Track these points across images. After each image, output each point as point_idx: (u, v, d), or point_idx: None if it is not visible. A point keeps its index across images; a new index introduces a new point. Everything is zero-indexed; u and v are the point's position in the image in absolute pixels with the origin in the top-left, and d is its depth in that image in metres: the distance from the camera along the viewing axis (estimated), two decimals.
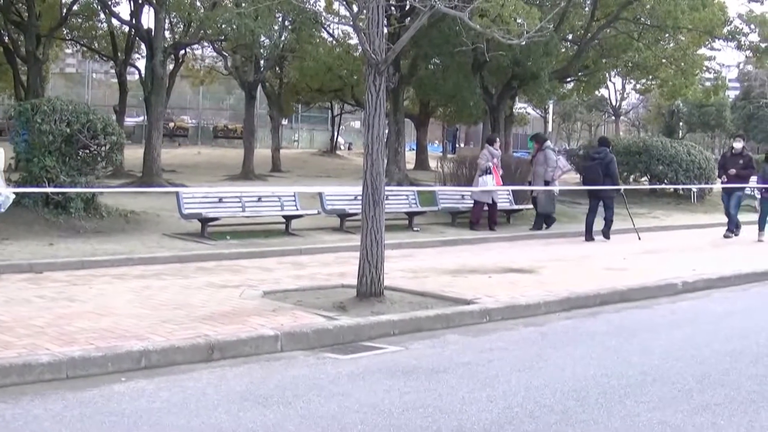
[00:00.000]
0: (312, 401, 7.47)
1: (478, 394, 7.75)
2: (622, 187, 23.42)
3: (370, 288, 11.51)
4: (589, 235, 21.23)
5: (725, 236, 22.31)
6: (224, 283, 13.03)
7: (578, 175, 34.35)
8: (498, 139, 24.22)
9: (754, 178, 23.26)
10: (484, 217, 22.23)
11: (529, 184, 23.24)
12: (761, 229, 21.88)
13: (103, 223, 17.87)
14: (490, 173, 21.65)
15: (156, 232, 17.90)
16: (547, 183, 22.53)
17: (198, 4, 28.11)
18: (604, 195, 21.19)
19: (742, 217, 22.94)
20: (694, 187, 30.29)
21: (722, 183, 22.69)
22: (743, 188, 23.16)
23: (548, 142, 24.70)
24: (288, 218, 19.36)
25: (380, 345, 9.81)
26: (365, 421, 6.94)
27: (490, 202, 21.95)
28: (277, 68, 40.00)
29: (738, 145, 22.97)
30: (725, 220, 23.68)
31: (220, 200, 18.69)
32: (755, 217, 22.76)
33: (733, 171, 22.03)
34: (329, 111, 62.49)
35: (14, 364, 7.89)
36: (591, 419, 7.09)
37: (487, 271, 14.95)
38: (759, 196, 23.16)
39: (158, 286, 12.68)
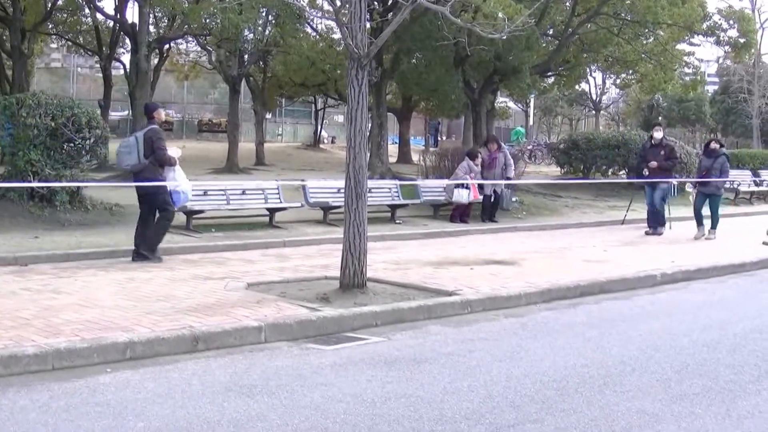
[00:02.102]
0: (295, 391, 7.55)
1: (460, 384, 7.84)
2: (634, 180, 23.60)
3: (353, 280, 11.60)
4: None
5: (647, 233, 21.15)
6: (209, 275, 13.10)
7: (560, 168, 34.69)
8: (479, 154, 23.39)
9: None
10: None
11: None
12: (699, 223, 20.68)
13: (88, 216, 17.92)
14: (467, 188, 21.78)
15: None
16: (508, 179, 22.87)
17: None
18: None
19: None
20: (674, 181, 30.39)
21: (644, 176, 21.37)
22: (668, 182, 21.90)
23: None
24: (272, 211, 19.44)
25: (363, 336, 9.89)
26: (348, 411, 7.02)
27: (467, 203, 22.06)
28: (261, 63, 39.95)
29: (657, 134, 21.81)
30: (704, 212, 23.77)
31: (205, 193, 18.72)
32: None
33: (654, 163, 21.09)
34: (313, 105, 62.36)
35: (0, 355, 7.94)
36: (571, 408, 7.19)
37: (469, 262, 15.05)
38: (692, 189, 22.01)
39: (143, 278, 12.74)
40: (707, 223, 20.70)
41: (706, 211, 20.61)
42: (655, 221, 21.47)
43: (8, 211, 16.97)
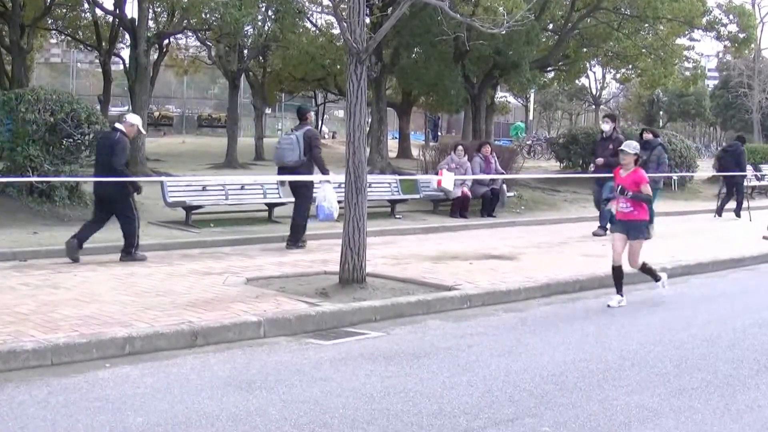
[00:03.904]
0: (294, 386, 7.55)
1: (459, 379, 7.85)
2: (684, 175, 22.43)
3: (352, 275, 11.60)
4: (719, 213, 25.05)
5: (594, 233, 19.21)
6: (208, 270, 13.10)
7: (559, 163, 34.67)
8: (460, 147, 23.38)
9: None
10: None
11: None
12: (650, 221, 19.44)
13: (87, 211, 17.84)
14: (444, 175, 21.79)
15: (141, 221, 17.92)
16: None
17: None
18: (735, 181, 25.27)
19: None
20: (674, 175, 30.40)
21: (592, 171, 19.99)
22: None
23: None
24: (271, 206, 19.45)
25: (362, 331, 9.90)
26: (347, 405, 7.03)
27: (459, 194, 22.05)
28: (261, 58, 39.96)
29: (606, 127, 19.96)
30: (705, 206, 23.88)
31: (204, 188, 18.73)
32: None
33: (600, 160, 19.20)
34: (313, 100, 62.43)
35: None
36: (569, 403, 7.20)
37: (468, 257, 15.05)
38: None
39: (142, 273, 12.74)
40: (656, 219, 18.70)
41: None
42: (604, 221, 19.07)
43: (7, 206, 16.97)
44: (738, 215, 24.98)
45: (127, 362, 8.25)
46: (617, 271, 11.97)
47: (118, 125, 14.41)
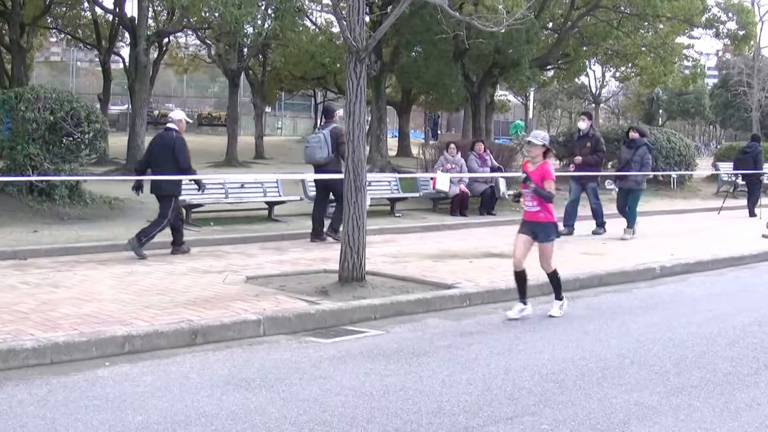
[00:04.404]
0: (294, 384, 7.55)
1: (458, 377, 7.85)
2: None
3: (351, 273, 11.61)
4: (752, 212, 25.15)
5: (594, 233, 19.12)
6: (207, 269, 13.11)
7: (558, 161, 34.62)
8: (452, 145, 23.49)
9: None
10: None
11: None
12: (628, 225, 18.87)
13: (87, 210, 17.92)
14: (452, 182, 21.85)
15: (140, 219, 17.90)
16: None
17: None
18: (754, 180, 25.71)
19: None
20: (673, 174, 30.41)
21: (572, 171, 19.49)
22: (596, 177, 19.50)
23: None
24: (271, 204, 19.45)
25: (362, 329, 9.90)
26: (346, 404, 7.03)
27: (458, 192, 22.05)
28: (261, 56, 40.00)
29: (582, 124, 19.50)
30: (704, 205, 23.85)
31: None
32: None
33: (578, 159, 18.99)
34: (312, 98, 62.49)
35: None
36: (569, 401, 7.20)
37: (468, 256, 15.05)
38: (613, 186, 19.63)
39: (142, 271, 12.75)
40: (638, 219, 19.21)
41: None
42: (600, 219, 19.41)
43: (7, 205, 16.97)
44: (753, 214, 24.88)
45: (127, 361, 8.25)
46: (519, 276, 10.91)
47: (170, 125, 15.16)
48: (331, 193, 17.12)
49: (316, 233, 17.10)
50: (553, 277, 11.12)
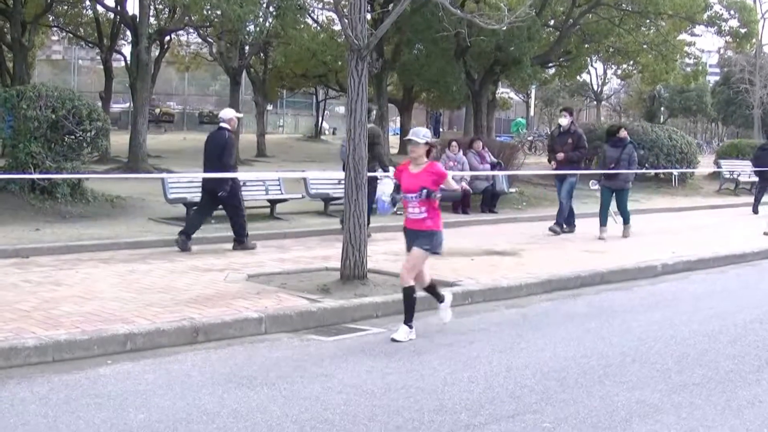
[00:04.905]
0: (296, 382, 7.56)
1: (460, 375, 7.86)
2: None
3: (353, 271, 11.61)
4: (756, 208, 25.20)
5: (551, 230, 18.52)
6: (209, 267, 13.10)
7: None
8: (454, 143, 23.25)
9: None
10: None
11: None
12: (603, 223, 18.24)
13: (89, 208, 17.91)
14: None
15: (142, 217, 17.96)
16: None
17: None
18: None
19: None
20: (675, 171, 30.40)
21: (553, 168, 19.09)
22: (575, 174, 18.91)
23: None
24: (273, 202, 19.43)
25: (363, 327, 9.91)
26: (348, 402, 7.04)
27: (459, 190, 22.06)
28: (262, 54, 39.95)
29: (564, 121, 19.02)
30: (705, 202, 23.84)
31: None
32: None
33: (560, 155, 18.52)
34: (314, 96, 62.46)
35: (0, 348, 7.95)
36: (571, 399, 7.20)
37: (469, 253, 15.05)
38: (597, 186, 18.75)
39: (143, 270, 12.75)
40: (618, 220, 18.66)
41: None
42: (561, 218, 18.86)
43: (9, 203, 16.97)
44: (756, 211, 24.83)
45: (128, 359, 8.26)
46: (408, 292, 9.62)
47: (223, 124, 15.45)
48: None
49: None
50: (408, 294, 9.60)
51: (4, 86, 28.98)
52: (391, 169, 16.89)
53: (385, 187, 16.30)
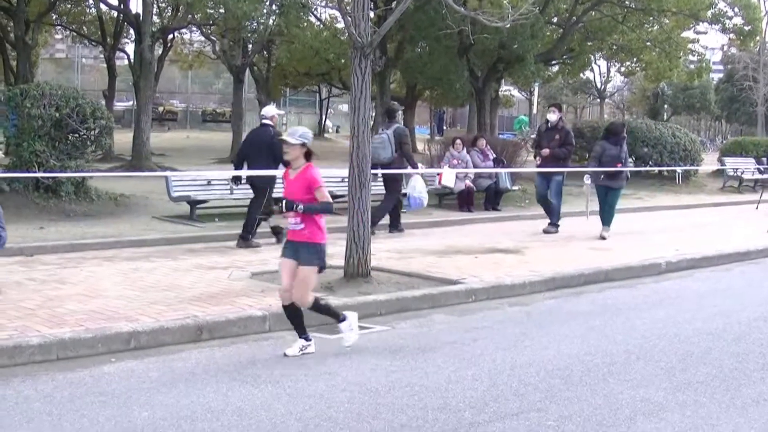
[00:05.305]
0: (300, 380, 7.57)
1: (464, 373, 7.86)
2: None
3: (357, 269, 11.62)
4: None
5: (545, 231, 18.28)
6: (212, 265, 13.11)
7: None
8: (458, 141, 23.09)
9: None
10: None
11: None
12: (605, 223, 17.73)
13: (92, 206, 17.91)
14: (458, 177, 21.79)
15: (145, 215, 17.96)
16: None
17: None
18: None
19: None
20: (678, 169, 30.34)
21: (537, 165, 18.74)
22: (563, 172, 18.56)
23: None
24: (276, 201, 19.41)
25: (367, 325, 9.88)
26: (352, 400, 7.04)
27: (463, 187, 22.03)
28: (265, 52, 39.97)
29: (552, 116, 18.55)
30: (709, 200, 23.74)
31: (209, 183, 18.70)
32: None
33: (546, 151, 18.09)
34: (317, 94, 62.54)
35: (5, 346, 7.97)
36: (575, 397, 7.20)
37: (473, 251, 15.04)
38: (588, 182, 18.19)
39: (147, 268, 12.75)
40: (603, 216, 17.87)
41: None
42: (554, 217, 18.57)
43: (13, 201, 16.96)
44: None
45: (133, 357, 8.27)
46: (290, 310, 8.78)
47: (265, 121, 15.82)
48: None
49: (393, 225, 18.00)
50: (317, 307, 8.86)
51: (8, 85, 29.02)
52: (421, 165, 18.19)
53: (416, 183, 17.52)
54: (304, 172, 8.85)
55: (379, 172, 17.23)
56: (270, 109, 16.37)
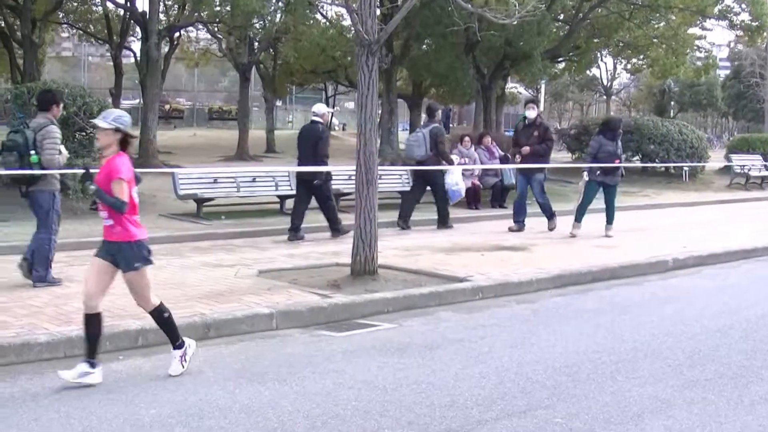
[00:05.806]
0: (307, 378, 7.57)
1: (471, 371, 7.85)
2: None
3: (363, 266, 11.62)
4: None
5: (550, 229, 18.21)
6: (219, 263, 13.11)
7: (570, 154, 34.56)
8: (467, 138, 23.10)
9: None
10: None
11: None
12: (577, 220, 17.53)
13: None
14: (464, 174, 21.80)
15: (152, 213, 17.94)
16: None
17: None
18: None
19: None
20: (685, 166, 30.31)
21: (517, 162, 18.37)
22: (543, 169, 18.31)
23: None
24: (282, 198, 19.43)
25: (374, 322, 9.90)
26: (359, 398, 7.04)
27: (470, 185, 22.04)
28: (271, 50, 39.99)
29: (530, 113, 18.22)
30: (716, 197, 23.67)
31: (215, 181, 18.74)
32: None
33: (526, 149, 17.69)
34: (323, 92, 62.48)
35: (12, 343, 7.99)
36: (582, 394, 7.20)
37: (480, 248, 15.03)
38: (587, 178, 17.67)
39: (154, 266, 12.70)
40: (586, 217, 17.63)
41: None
42: (549, 213, 18.44)
43: (20, 199, 16.94)
44: None
45: (140, 354, 8.29)
46: (91, 320, 7.59)
47: (316, 118, 16.36)
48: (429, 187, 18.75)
49: (403, 220, 18.43)
50: (158, 316, 7.92)
51: (15, 83, 29.02)
52: (455, 158, 19.35)
53: (455, 176, 19.04)
54: (110, 161, 7.80)
55: (409, 168, 18.35)
56: (321, 107, 16.99)
